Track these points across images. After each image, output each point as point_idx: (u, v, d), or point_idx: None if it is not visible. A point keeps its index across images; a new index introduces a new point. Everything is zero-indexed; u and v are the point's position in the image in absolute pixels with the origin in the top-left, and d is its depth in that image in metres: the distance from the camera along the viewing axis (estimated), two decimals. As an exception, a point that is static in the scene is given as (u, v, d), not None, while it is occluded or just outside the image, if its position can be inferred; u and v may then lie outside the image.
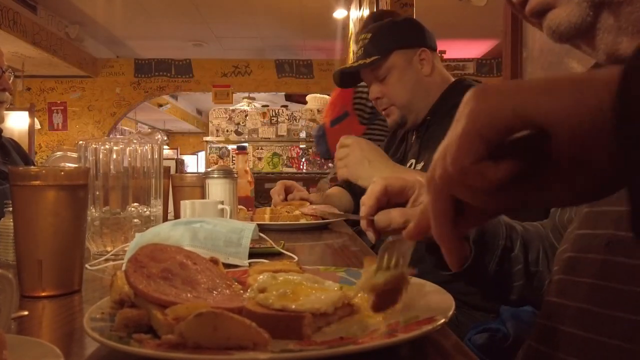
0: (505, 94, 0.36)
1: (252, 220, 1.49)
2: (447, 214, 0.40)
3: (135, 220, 1.04)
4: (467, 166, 0.36)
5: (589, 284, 0.57)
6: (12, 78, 1.87)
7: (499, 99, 0.35)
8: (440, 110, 1.52)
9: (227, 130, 6.26)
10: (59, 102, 8.20)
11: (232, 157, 6.31)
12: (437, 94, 1.55)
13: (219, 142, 6.28)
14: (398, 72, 1.55)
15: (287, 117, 6.26)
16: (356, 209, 1.71)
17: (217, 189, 1.45)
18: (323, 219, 1.48)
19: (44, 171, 0.72)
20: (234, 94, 8.30)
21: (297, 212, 1.52)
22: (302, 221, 1.47)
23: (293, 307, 0.48)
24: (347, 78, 1.70)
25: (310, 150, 6.22)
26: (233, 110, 6.48)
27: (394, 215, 0.71)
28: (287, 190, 1.91)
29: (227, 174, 1.47)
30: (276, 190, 1.87)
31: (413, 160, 1.54)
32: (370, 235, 0.74)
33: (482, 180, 0.36)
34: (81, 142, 1.04)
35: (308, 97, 6.49)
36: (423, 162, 1.49)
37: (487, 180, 0.36)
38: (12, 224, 0.75)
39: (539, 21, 0.61)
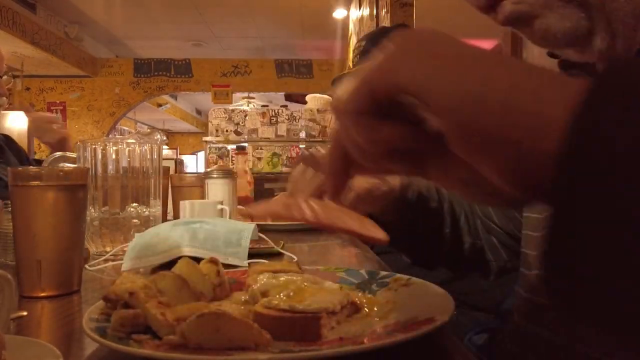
0: (425, 58, 0.30)
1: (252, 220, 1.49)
2: (339, 150, 0.37)
3: (135, 220, 1.04)
4: (348, 114, 0.33)
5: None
6: (12, 82, 1.85)
7: (417, 63, 0.30)
8: None
9: (227, 130, 6.25)
10: (58, 102, 8.19)
11: (232, 157, 6.31)
12: None
13: (218, 142, 6.27)
14: None
15: (286, 117, 6.25)
16: None
17: (217, 189, 1.45)
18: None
19: (43, 171, 0.72)
20: (233, 94, 8.30)
21: None
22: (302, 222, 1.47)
23: (300, 307, 0.48)
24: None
25: (310, 150, 6.21)
26: (232, 110, 6.47)
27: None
28: None
29: (227, 174, 1.47)
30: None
31: None
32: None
33: (357, 133, 0.33)
34: (80, 142, 1.04)
35: (308, 97, 6.48)
36: None
37: (361, 137, 0.33)
38: (11, 224, 0.75)
39: (516, 29, 0.55)
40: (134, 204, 1.05)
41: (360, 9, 4.96)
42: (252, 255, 0.92)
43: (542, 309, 0.60)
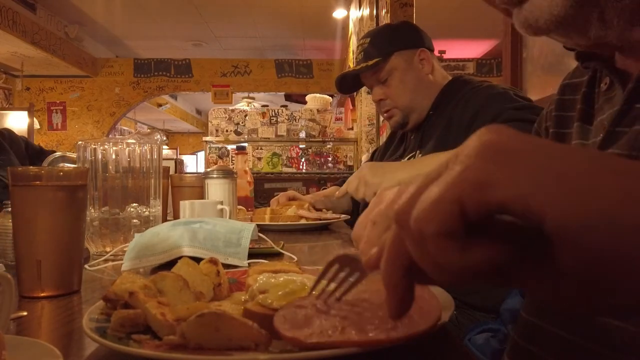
0: (526, 166, 0.26)
1: (251, 220, 1.49)
2: (401, 261, 0.32)
3: (135, 220, 1.04)
4: (429, 235, 0.27)
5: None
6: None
7: (515, 169, 0.26)
8: (441, 105, 1.54)
9: (227, 130, 6.26)
10: (58, 102, 8.19)
11: (232, 157, 6.31)
12: (437, 92, 1.57)
13: (218, 142, 6.27)
14: (399, 74, 1.57)
15: (286, 117, 6.25)
16: (355, 209, 1.72)
17: (217, 189, 1.45)
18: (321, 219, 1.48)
19: (43, 171, 0.72)
20: (233, 94, 8.30)
21: (294, 211, 1.52)
22: (302, 222, 1.47)
23: None
24: (348, 83, 1.71)
25: (310, 150, 6.22)
26: (232, 110, 6.48)
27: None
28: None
29: (227, 174, 1.47)
30: (277, 200, 1.84)
31: (415, 152, 1.55)
32: None
33: (441, 257, 0.28)
34: (80, 142, 1.04)
35: (308, 97, 6.49)
36: (421, 154, 1.51)
37: (445, 260, 0.28)
38: (11, 224, 0.75)
39: (508, 9, 0.54)
40: (134, 204, 1.05)
41: (360, 9, 4.96)
42: (252, 255, 0.92)
43: (550, 306, 0.60)
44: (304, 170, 6.12)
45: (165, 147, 1.15)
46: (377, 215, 0.54)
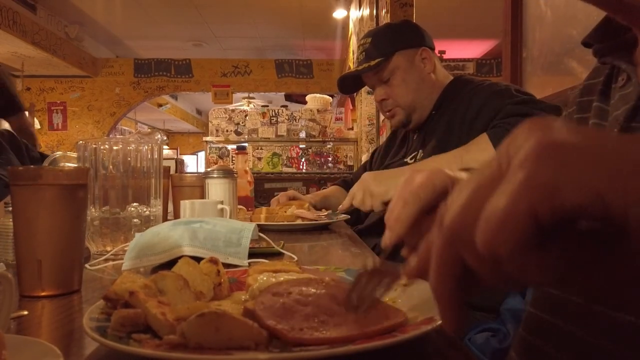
0: (591, 162, 0.24)
1: (251, 220, 1.49)
2: (453, 271, 0.30)
3: (135, 220, 1.04)
4: (504, 256, 0.25)
5: (576, 304, 0.56)
6: None
7: (581, 167, 0.24)
8: (444, 104, 1.54)
9: (227, 130, 6.26)
10: (58, 102, 8.19)
11: (232, 157, 6.31)
12: (439, 91, 1.57)
13: (218, 142, 6.27)
14: (401, 73, 1.57)
15: (286, 117, 6.25)
16: (354, 209, 1.72)
17: (217, 189, 1.45)
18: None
19: (43, 171, 0.72)
20: (233, 94, 8.31)
21: (293, 211, 1.52)
22: (298, 222, 1.47)
23: None
24: (350, 83, 1.71)
25: (310, 150, 6.22)
26: (233, 110, 6.48)
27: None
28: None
29: (227, 174, 1.47)
30: (277, 199, 1.84)
31: (417, 152, 1.55)
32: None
33: (520, 275, 0.26)
34: (81, 142, 1.04)
35: (308, 97, 6.49)
36: (423, 154, 1.51)
37: (525, 277, 0.26)
38: (11, 223, 0.75)
39: None
40: (135, 204, 1.05)
41: (360, 9, 4.96)
42: (252, 254, 0.92)
43: (559, 301, 0.60)
44: (304, 170, 6.12)
45: (165, 147, 1.15)
46: (409, 195, 0.54)
